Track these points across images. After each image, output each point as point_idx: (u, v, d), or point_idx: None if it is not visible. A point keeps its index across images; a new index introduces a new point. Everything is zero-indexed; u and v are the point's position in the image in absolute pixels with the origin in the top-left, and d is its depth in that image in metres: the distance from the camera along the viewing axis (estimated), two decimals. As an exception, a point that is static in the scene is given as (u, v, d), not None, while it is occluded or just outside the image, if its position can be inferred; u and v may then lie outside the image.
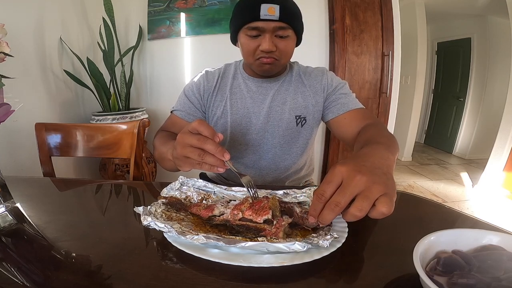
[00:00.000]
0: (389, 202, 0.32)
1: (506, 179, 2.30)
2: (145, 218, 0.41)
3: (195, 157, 0.44)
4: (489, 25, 3.21)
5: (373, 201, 0.33)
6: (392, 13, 1.76)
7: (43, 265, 0.38)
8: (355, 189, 0.33)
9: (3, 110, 0.48)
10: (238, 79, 0.80)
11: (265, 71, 0.71)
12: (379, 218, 0.33)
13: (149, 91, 2.05)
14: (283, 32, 0.65)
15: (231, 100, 0.78)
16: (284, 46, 0.68)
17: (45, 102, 1.47)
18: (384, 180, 0.34)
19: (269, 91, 0.77)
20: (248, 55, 0.70)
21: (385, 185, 0.33)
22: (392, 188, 0.34)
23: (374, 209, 0.33)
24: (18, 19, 1.27)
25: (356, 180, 0.33)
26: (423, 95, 3.43)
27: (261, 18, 0.62)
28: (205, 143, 0.43)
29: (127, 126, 0.95)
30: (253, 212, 0.43)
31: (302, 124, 0.78)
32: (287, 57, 0.71)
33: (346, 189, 0.33)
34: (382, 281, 0.34)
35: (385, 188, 0.33)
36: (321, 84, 0.77)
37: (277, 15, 0.62)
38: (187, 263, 0.38)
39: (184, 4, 1.84)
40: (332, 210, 0.34)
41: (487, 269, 0.30)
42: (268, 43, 0.65)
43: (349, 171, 0.34)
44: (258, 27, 0.64)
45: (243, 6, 0.67)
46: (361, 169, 0.34)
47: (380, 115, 1.88)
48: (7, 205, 0.53)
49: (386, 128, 0.64)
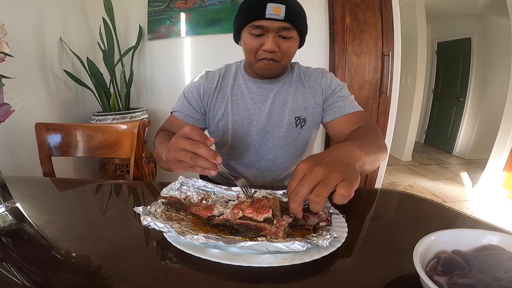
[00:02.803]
0: (348, 186, 0.35)
1: (506, 179, 2.30)
2: (144, 218, 0.41)
3: (187, 160, 0.46)
4: (489, 25, 3.21)
5: (331, 188, 0.36)
6: (392, 13, 1.76)
7: (43, 265, 0.38)
8: (313, 179, 0.37)
9: (3, 110, 0.48)
10: (239, 80, 0.79)
11: (265, 72, 0.71)
12: (341, 202, 0.36)
13: (149, 91, 2.05)
14: (287, 33, 0.65)
15: (232, 101, 0.78)
16: (287, 47, 0.67)
17: (45, 102, 1.47)
18: (343, 169, 0.38)
19: (269, 92, 0.77)
20: (250, 54, 0.69)
21: (343, 172, 0.37)
22: (352, 175, 0.38)
23: (335, 194, 0.36)
24: (18, 19, 1.27)
25: (314, 172, 0.37)
26: (423, 95, 3.43)
27: (266, 17, 0.62)
28: (197, 147, 0.45)
29: (127, 126, 0.95)
30: (254, 210, 0.43)
31: (301, 125, 0.78)
32: (288, 59, 0.71)
33: (305, 180, 0.38)
34: (382, 281, 0.34)
35: (344, 175, 0.37)
36: (320, 86, 0.77)
37: (283, 15, 0.62)
38: (187, 263, 0.38)
39: (184, 4, 1.84)
40: (293, 200, 0.38)
41: (487, 269, 0.30)
42: (271, 43, 0.64)
43: (308, 166, 0.38)
44: (263, 26, 0.64)
45: (249, 4, 0.66)
46: (319, 162, 0.38)
47: (380, 115, 1.88)
48: (7, 205, 0.53)
49: (376, 131, 0.65)
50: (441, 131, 3.99)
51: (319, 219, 0.45)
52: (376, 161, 0.55)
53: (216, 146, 0.86)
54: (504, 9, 2.33)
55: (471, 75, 3.44)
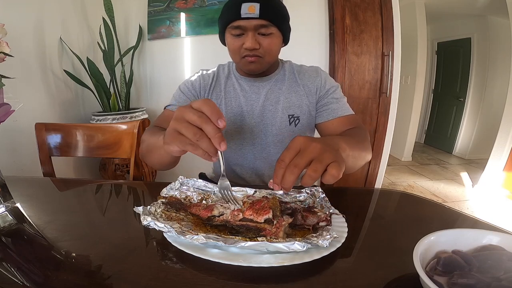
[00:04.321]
0: (338, 167, 0.37)
1: (506, 179, 2.30)
2: (144, 218, 0.41)
3: (189, 135, 0.39)
4: (489, 25, 3.21)
5: (325, 166, 0.37)
6: (392, 13, 1.75)
7: (43, 265, 0.38)
8: (311, 154, 0.38)
9: (3, 110, 0.48)
10: (232, 79, 0.80)
11: (250, 69, 0.72)
12: (330, 182, 0.37)
13: (149, 91, 2.05)
14: (266, 30, 0.67)
15: (226, 99, 0.78)
16: (268, 44, 0.69)
17: (45, 102, 1.47)
18: (334, 151, 0.40)
19: (261, 90, 0.78)
20: (234, 53, 0.72)
21: (334, 154, 0.39)
22: (341, 159, 0.40)
23: (326, 173, 0.37)
24: (18, 19, 1.27)
25: (312, 147, 0.38)
26: (423, 95, 3.43)
27: (242, 16, 0.64)
28: (206, 123, 0.38)
29: (127, 126, 0.95)
30: (254, 212, 0.43)
31: (295, 123, 0.77)
32: (272, 55, 0.72)
33: (304, 153, 0.38)
34: (382, 281, 0.34)
35: (335, 157, 0.38)
36: (315, 85, 0.78)
37: (257, 13, 0.64)
38: (187, 263, 0.38)
39: (184, 4, 1.84)
40: (292, 172, 0.38)
41: (487, 269, 0.30)
42: (250, 41, 0.66)
43: (306, 141, 0.40)
44: (240, 26, 0.66)
45: (227, 6, 0.69)
46: (315, 140, 0.40)
47: (380, 115, 1.87)
48: (7, 205, 0.53)
49: (364, 134, 0.66)
50: (441, 131, 3.99)
51: (318, 219, 0.45)
52: (359, 159, 0.56)
53: None
54: (504, 9, 2.33)
55: (471, 75, 3.44)
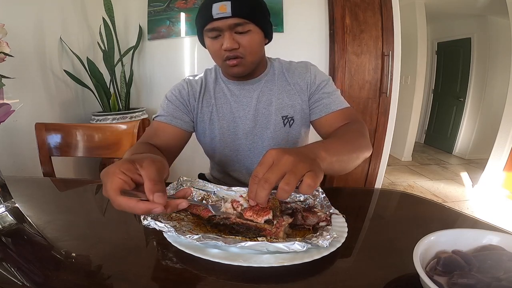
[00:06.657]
0: (314, 176, 0.36)
1: (506, 179, 2.30)
2: (144, 218, 0.41)
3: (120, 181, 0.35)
4: (489, 25, 3.21)
5: (299, 177, 0.36)
6: (392, 13, 1.75)
7: (43, 265, 0.38)
8: (283, 167, 0.37)
9: (3, 110, 0.48)
10: (220, 84, 0.77)
11: (234, 73, 0.70)
12: (307, 192, 0.37)
13: (149, 91, 2.04)
14: (242, 28, 0.64)
15: (217, 106, 0.75)
16: (247, 42, 0.65)
17: (45, 102, 1.47)
18: (309, 161, 0.39)
19: (252, 93, 0.75)
20: (215, 56, 0.69)
21: (310, 164, 0.38)
22: (317, 168, 0.39)
23: (302, 183, 0.36)
24: (18, 19, 1.27)
25: (284, 159, 0.37)
26: (423, 95, 3.42)
27: (214, 17, 0.62)
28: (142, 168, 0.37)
29: (127, 126, 0.95)
30: (254, 213, 0.43)
31: (290, 124, 0.75)
32: (254, 54, 0.68)
33: (275, 167, 0.37)
34: (382, 281, 0.34)
35: (310, 166, 0.37)
36: (305, 82, 0.75)
37: (229, 12, 0.61)
38: (187, 263, 0.38)
39: (184, 4, 1.84)
40: (263, 187, 0.37)
41: (487, 269, 0.30)
42: (227, 41, 0.63)
43: (278, 153, 0.38)
44: (215, 27, 0.63)
45: (199, 9, 0.66)
46: (288, 152, 0.39)
47: (380, 115, 1.88)
48: (7, 205, 0.53)
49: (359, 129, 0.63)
50: (441, 131, 3.99)
51: (318, 219, 0.45)
52: (350, 162, 0.53)
53: (207, 155, 0.83)
54: (504, 9, 2.33)
55: (471, 75, 3.44)
